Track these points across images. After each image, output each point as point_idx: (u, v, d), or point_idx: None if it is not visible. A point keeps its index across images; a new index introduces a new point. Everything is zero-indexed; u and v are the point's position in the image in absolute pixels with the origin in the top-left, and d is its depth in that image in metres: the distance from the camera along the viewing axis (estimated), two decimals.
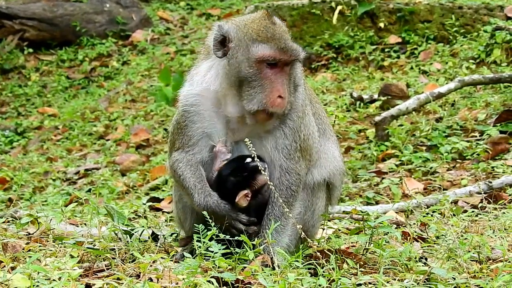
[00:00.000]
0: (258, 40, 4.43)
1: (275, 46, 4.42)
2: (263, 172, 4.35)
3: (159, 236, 5.10)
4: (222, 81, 4.50)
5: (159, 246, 4.80)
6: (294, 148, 4.58)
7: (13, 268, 3.96)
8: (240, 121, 4.53)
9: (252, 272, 4.03)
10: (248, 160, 4.45)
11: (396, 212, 6.28)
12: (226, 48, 4.50)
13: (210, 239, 4.12)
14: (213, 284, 3.82)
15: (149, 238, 4.96)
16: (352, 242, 5.06)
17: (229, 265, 4.08)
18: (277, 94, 4.40)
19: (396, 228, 5.23)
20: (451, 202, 5.99)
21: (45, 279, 3.77)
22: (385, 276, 4.14)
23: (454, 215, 5.46)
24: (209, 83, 4.54)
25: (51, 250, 4.53)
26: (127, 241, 4.81)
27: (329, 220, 5.52)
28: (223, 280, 3.89)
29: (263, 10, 4.62)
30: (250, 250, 4.16)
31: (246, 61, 4.42)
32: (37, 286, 3.70)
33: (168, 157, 4.80)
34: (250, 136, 4.52)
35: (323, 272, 4.01)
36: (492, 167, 7.50)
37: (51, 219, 5.13)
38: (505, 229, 5.13)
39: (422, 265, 4.35)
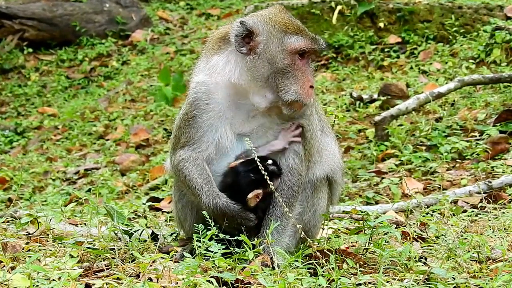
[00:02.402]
0: (289, 32, 4.52)
1: (306, 36, 4.55)
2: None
3: (158, 236, 5.10)
4: (246, 75, 4.50)
5: (159, 246, 4.80)
6: (301, 147, 4.60)
7: (13, 268, 3.96)
8: (267, 112, 4.55)
9: (251, 272, 4.03)
10: (270, 162, 4.51)
11: (395, 212, 6.28)
12: (252, 44, 4.50)
13: (210, 239, 4.12)
14: (212, 284, 3.82)
15: (148, 238, 4.96)
16: (352, 242, 5.06)
17: (228, 265, 4.08)
18: (309, 84, 4.52)
19: (395, 228, 5.23)
20: (451, 202, 5.99)
21: (45, 279, 3.77)
22: (385, 276, 4.14)
23: (453, 215, 5.46)
24: (230, 75, 4.54)
25: (51, 250, 4.52)
26: (127, 241, 4.80)
27: (329, 220, 5.52)
28: (222, 280, 3.89)
29: (277, 5, 4.71)
30: (250, 250, 4.16)
31: (281, 52, 4.50)
32: (37, 286, 3.70)
33: (171, 155, 4.74)
34: (258, 131, 4.55)
35: (323, 272, 4.01)
36: (492, 167, 7.50)
37: (50, 219, 5.12)
38: (504, 229, 5.13)
39: (422, 265, 4.35)
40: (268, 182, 4.34)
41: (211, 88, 4.57)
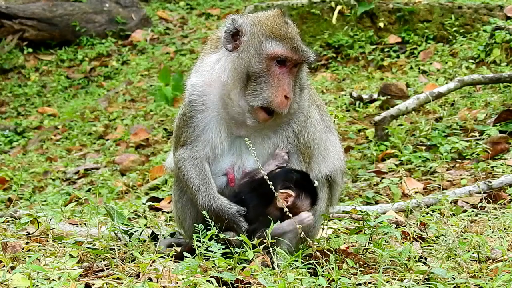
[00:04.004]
0: (271, 37, 4.45)
1: (287, 45, 4.44)
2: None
3: (158, 236, 5.10)
4: (230, 75, 4.49)
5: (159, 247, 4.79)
6: (295, 152, 4.62)
7: (12, 268, 3.95)
8: (243, 123, 4.53)
9: (251, 272, 4.03)
10: (316, 183, 4.55)
11: (395, 212, 6.28)
12: (237, 42, 4.50)
13: (210, 239, 4.12)
14: (212, 284, 3.82)
15: (148, 238, 4.96)
16: (351, 242, 5.06)
17: (228, 265, 4.08)
18: (283, 94, 4.42)
19: (395, 228, 5.23)
20: (451, 202, 5.98)
21: (45, 279, 3.77)
22: (385, 276, 4.14)
23: (453, 214, 5.46)
24: (218, 73, 4.53)
25: (51, 250, 4.52)
26: (127, 241, 4.80)
27: (329, 220, 5.51)
28: (222, 280, 3.89)
29: (277, 9, 4.65)
30: (250, 250, 4.16)
31: (257, 56, 4.43)
32: (37, 286, 3.70)
33: (172, 153, 4.78)
34: (256, 136, 4.55)
35: (323, 272, 4.01)
36: (492, 167, 7.49)
37: (50, 219, 5.12)
38: (504, 229, 5.13)
39: (422, 265, 4.35)
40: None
41: (205, 89, 4.59)
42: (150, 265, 4.16)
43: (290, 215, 4.28)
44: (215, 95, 4.56)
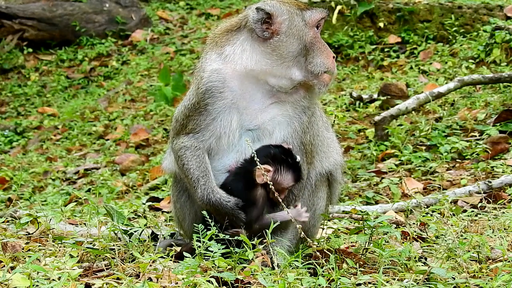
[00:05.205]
0: (302, 9, 4.67)
1: (316, 9, 4.73)
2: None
3: (158, 236, 5.11)
4: (267, 60, 4.55)
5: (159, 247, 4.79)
6: (299, 150, 4.62)
7: (12, 268, 3.96)
8: (287, 96, 4.59)
9: (251, 272, 4.03)
10: (298, 158, 4.55)
11: (395, 212, 6.28)
12: (273, 26, 4.55)
13: (210, 239, 4.12)
14: (212, 284, 3.82)
15: (148, 238, 4.96)
16: (351, 242, 5.06)
17: (228, 265, 4.08)
18: (332, 55, 4.65)
19: (395, 228, 5.23)
20: (451, 202, 5.98)
21: (45, 279, 3.77)
22: (385, 275, 4.14)
23: (453, 214, 5.46)
24: (247, 62, 4.57)
25: (51, 250, 4.52)
26: (127, 241, 4.80)
27: (328, 220, 5.51)
28: (222, 279, 3.89)
29: None
30: (250, 250, 4.16)
31: (305, 26, 4.62)
32: (37, 286, 3.70)
33: (172, 139, 4.73)
34: (267, 125, 4.56)
35: (323, 272, 4.01)
36: (492, 167, 7.50)
37: (50, 219, 5.12)
38: (504, 229, 5.13)
39: (422, 265, 4.35)
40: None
41: (227, 76, 4.57)
42: (150, 265, 4.16)
43: (276, 193, 4.27)
44: (236, 83, 4.56)
